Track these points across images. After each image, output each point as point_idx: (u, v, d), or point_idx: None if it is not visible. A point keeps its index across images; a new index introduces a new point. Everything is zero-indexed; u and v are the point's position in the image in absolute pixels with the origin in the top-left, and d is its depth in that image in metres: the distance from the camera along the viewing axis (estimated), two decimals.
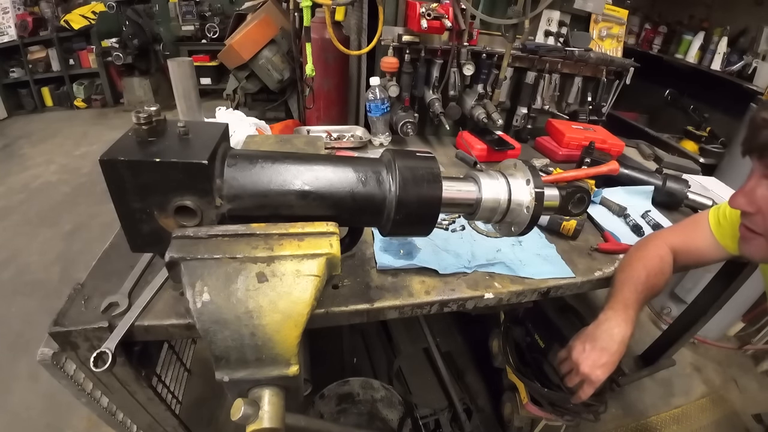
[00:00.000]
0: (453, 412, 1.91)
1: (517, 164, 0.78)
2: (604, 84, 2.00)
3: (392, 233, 0.75)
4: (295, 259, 0.62)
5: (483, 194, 0.76)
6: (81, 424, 1.99)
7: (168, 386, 1.17)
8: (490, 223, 0.83)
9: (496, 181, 0.78)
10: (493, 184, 0.77)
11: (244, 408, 0.54)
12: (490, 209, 0.77)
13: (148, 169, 0.59)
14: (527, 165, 0.77)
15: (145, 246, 0.69)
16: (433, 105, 1.75)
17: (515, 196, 0.76)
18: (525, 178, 0.76)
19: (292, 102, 2.84)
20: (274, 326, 0.58)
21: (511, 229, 0.80)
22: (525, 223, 0.75)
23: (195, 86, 1.34)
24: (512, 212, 0.77)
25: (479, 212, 0.78)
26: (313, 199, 0.68)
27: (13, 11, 5.49)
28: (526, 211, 0.75)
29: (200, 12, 6.15)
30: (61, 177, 4.22)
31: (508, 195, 0.76)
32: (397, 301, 0.92)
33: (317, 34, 1.82)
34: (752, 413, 2.22)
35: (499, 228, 0.84)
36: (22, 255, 3.13)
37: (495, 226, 0.85)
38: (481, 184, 0.77)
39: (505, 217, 0.78)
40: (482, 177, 0.78)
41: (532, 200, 0.74)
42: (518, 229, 0.78)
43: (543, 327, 1.66)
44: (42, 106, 6.10)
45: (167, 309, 0.82)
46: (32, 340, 2.39)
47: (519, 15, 1.51)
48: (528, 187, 0.75)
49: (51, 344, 0.79)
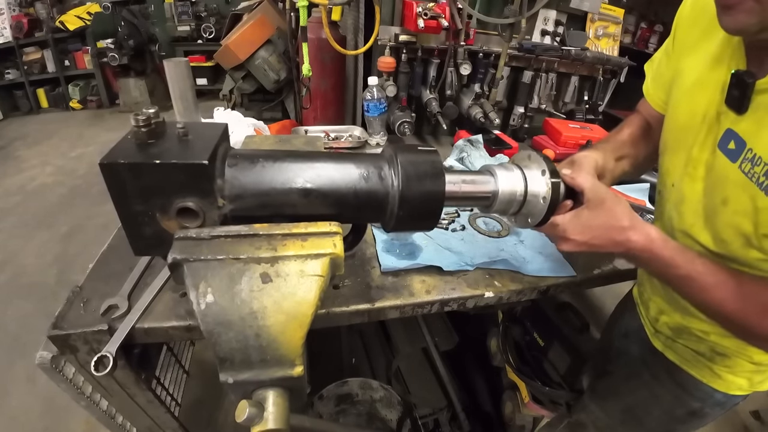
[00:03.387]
0: (452, 411, 1.92)
1: (532, 155, 0.79)
2: (600, 83, 2.01)
3: (396, 229, 0.74)
4: (299, 260, 0.62)
5: (499, 186, 0.77)
6: (79, 427, 1.98)
7: (167, 389, 1.16)
8: (506, 215, 0.83)
9: (512, 173, 0.78)
10: (509, 176, 0.78)
11: (249, 409, 0.54)
12: (507, 201, 0.78)
13: (149, 172, 0.59)
14: (541, 155, 0.78)
15: (147, 249, 0.69)
16: (430, 105, 1.75)
17: (531, 187, 0.76)
18: (540, 169, 0.77)
19: (288, 102, 2.83)
20: (278, 327, 0.58)
21: (527, 221, 0.80)
22: (542, 213, 0.76)
23: (192, 87, 1.33)
24: (528, 203, 0.77)
25: (496, 204, 0.78)
26: (315, 197, 0.68)
27: (8, 12, 5.47)
28: (542, 201, 0.75)
29: (196, 12, 6.15)
30: (57, 179, 4.20)
31: (524, 186, 0.77)
32: (398, 301, 0.92)
33: (314, 34, 1.81)
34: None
35: (515, 220, 0.84)
36: (19, 257, 3.12)
37: (511, 218, 0.85)
38: (497, 176, 0.77)
39: (521, 209, 0.79)
40: (498, 170, 0.78)
41: (549, 190, 0.75)
42: (535, 220, 0.78)
43: (542, 325, 1.66)
44: (37, 108, 6.08)
45: (167, 311, 0.81)
46: (29, 343, 2.38)
47: (515, 14, 1.52)
48: (544, 178, 0.76)
49: (50, 347, 0.78)
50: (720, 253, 0.75)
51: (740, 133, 0.67)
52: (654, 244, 0.74)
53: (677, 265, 0.73)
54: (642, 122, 1.03)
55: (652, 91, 0.98)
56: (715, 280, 0.71)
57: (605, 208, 0.75)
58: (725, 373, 0.90)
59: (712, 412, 0.99)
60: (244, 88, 2.82)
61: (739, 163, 0.67)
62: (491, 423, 1.96)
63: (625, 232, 0.74)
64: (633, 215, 0.76)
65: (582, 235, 0.77)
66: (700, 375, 0.93)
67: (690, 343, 0.93)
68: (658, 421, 1.06)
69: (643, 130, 1.02)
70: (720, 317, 0.74)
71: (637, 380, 1.08)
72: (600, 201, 0.76)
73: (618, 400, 1.15)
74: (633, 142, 1.00)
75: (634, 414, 1.11)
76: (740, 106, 0.67)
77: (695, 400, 0.97)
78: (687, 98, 0.80)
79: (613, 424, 1.18)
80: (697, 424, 1.03)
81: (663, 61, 0.94)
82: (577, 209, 0.78)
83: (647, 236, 0.74)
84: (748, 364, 0.88)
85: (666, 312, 0.97)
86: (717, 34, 0.74)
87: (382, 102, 1.66)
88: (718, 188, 0.72)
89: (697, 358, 0.93)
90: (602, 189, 0.77)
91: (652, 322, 1.03)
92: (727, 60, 0.71)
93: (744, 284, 0.69)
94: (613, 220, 0.75)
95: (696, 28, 0.81)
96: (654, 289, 1.02)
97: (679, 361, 0.97)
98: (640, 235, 0.74)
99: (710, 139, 0.74)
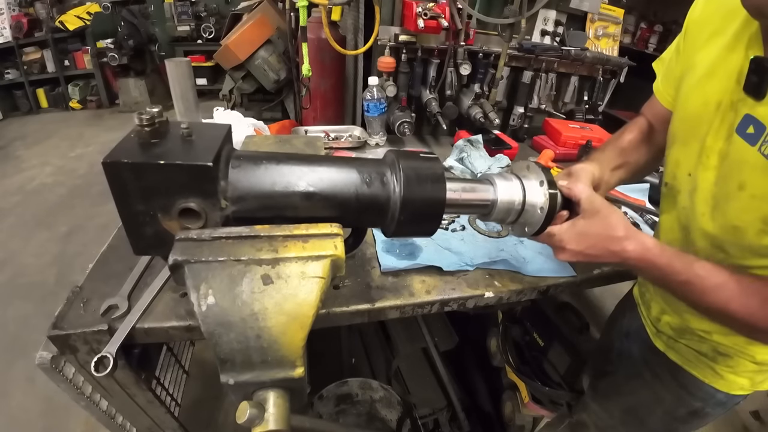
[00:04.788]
0: (452, 411, 1.92)
1: (530, 166, 0.80)
2: (600, 83, 2.01)
3: (396, 234, 0.75)
4: (300, 261, 0.62)
5: (498, 196, 0.78)
6: (79, 427, 1.98)
7: (167, 389, 1.17)
8: (504, 223, 0.84)
9: (511, 183, 0.79)
10: (508, 186, 0.79)
11: (250, 411, 0.54)
12: (505, 210, 0.79)
13: (152, 172, 0.59)
14: (540, 166, 0.79)
15: (148, 249, 0.69)
16: (430, 105, 1.75)
17: (529, 197, 0.77)
18: (539, 180, 0.78)
19: (288, 102, 2.83)
20: (279, 328, 0.58)
21: (524, 230, 0.82)
22: (539, 223, 0.77)
23: (193, 87, 1.34)
24: (526, 213, 0.78)
25: (494, 213, 0.79)
26: (317, 200, 0.68)
27: (7, 12, 5.47)
28: (539, 211, 0.76)
29: (196, 12, 6.15)
30: (56, 179, 4.20)
31: (522, 196, 0.78)
32: (398, 301, 0.92)
33: (313, 34, 1.81)
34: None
35: (512, 229, 0.86)
36: (18, 257, 3.12)
37: (509, 227, 0.86)
38: (497, 185, 0.79)
39: (519, 218, 0.80)
40: (497, 179, 0.80)
41: (546, 201, 0.76)
42: (532, 229, 0.79)
43: (541, 325, 1.66)
44: (37, 108, 6.08)
45: (167, 311, 0.81)
46: (29, 343, 2.37)
47: (515, 14, 1.51)
48: (542, 189, 0.77)
49: (49, 348, 0.78)
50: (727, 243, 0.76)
51: (759, 118, 0.67)
52: (650, 253, 0.75)
53: (676, 272, 0.74)
54: (644, 127, 1.03)
55: (662, 88, 0.98)
56: (715, 282, 0.71)
57: (600, 218, 0.77)
58: (727, 373, 0.90)
59: (713, 412, 0.99)
60: (244, 88, 2.82)
61: (758, 146, 0.67)
62: (491, 423, 1.96)
63: (621, 242, 0.75)
64: (628, 225, 0.77)
65: (578, 244, 0.78)
66: (702, 375, 0.94)
67: (692, 343, 0.93)
68: (659, 421, 1.07)
69: (644, 135, 1.03)
70: (724, 318, 0.75)
71: (639, 380, 1.08)
72: (595, 211, 0.77)
73: (619, 400, 1.16)
74: (633, 149, 1.01)
75: (636, 414, 1.11)
76: (759, 92, 0.67)
77: (697, 400, 0.98)
78: (699, 89, 0.81)
79: (615, 424, 1.18)
80: (698, 423, 1.03)
81: (674, 58, 0.94)
82: (573, 219, 0.79)
83: (643, 245, 0.75)
84: (750, 364, 0.88)
85: (668, 312, 0.98)
86: (731, 26, 0.75)
87: (381, 102, 1.66)
88: (734, 174, 0.72)
89: (699, 359, 0.93)
90: (598, 200, 0.79)
91: (653, 323, 1.03)
92: (744, 48, 0.72)
93: (744, 282, 0.70)
94: (609, 230, 0.76)
95: (708, 26, 0.82)
96: (656, 290, 1.03)
97: (681, 362, 0.97)
98: (635, 245, 0.75)
99: (725, 127, 0.74)
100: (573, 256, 0.79)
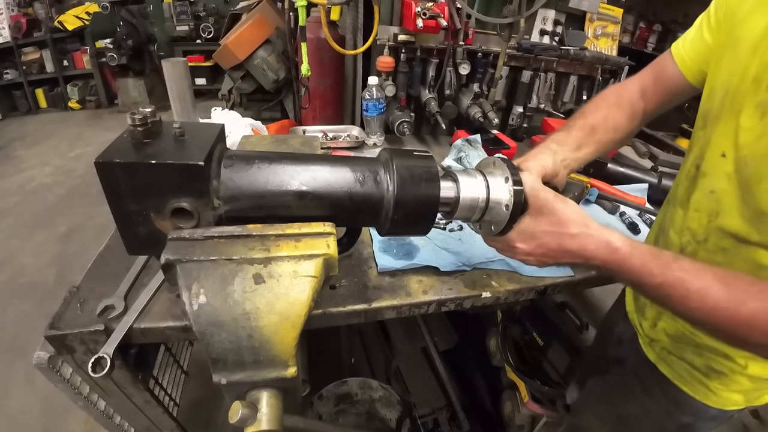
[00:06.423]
0: (451, 411, 1.92)
1: (497, 162, 0.77)
2: (599, 83, 2.01)
3: (390, 233, 0.74)
4: (292, 260, 0.62)
5: (461, 193, 0.75)
6: (78, 427, 1.99)
7: (165, 389, 1.17)
8: (469, 222, 0.81)
9: (474, 180, 0.76)
10: (472, 183, 0.76)
11: (242, 410, 0.54)
12: (469, 208, 0.76)
13: (144, 171, 0.59)
14: (506, 162, 0.75)
15: (141, 248, 0.68)
16: (429, 104, 1.75)
17: (494, 194, 0.75)
18: (504, 176, 0.75)
19: (287, 102, 2.83)
20: (271, 328, 0.57)
21: (491, 228, 0.78)
22: (504, 221, 0.74)
23: (190, 87, 1.33)
24: (491, 210, 0.76)
25: (458, 211, 0.77)
26: (310, 200, 0.68)
27: (6, 12, 5.47)
28: (505, 209, 0.73)
29: (195, 12, 6.15)
30: (55, 179, 4.20)
31: (486, 193, 0.75)
32: (394, 301, 0.92)
33: (312, 34, 1.81)
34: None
35: (479, 227, 0.83)
36: (17, 257, 3.12)
37: (475, 225, 0.83)
38: (459, 182, 0.76)
39: (484, 216, 0.77)
40: (460, 175, 0.77)
41: (511, 198, 0.72)
42: (498, 227, 0.76)
43: (541, 325, 1.66)
44: (36, 108, 6.08)
45: (163, 311, 0.81)
46: (28, 343, 2.38)
47: (514, 14, 1.51)
48: (507, 185, 0.73)
49: (47, 348, 0.78)
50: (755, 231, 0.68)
51: None
52: (618, 254, 0.66)
53: (650, 273, 0.64)
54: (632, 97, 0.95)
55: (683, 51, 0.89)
56: (698, 285, 0.61)
57: (546, 213, 0.70)
58: (720, 390, 0.86)
59: (704, 426, 0.95)
60: (243, 87, 2.82)
61: None
62: (490, 422, 1.96)
63: (576, 239, 0.68)
64: (584, 221, 0.69)
65: (526, 244, 0.73)
66: (693, 392, 0.89)
67: (686, 355, 0.88)
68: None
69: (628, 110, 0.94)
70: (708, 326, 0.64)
71: (629, 392, 1.04)
72: (539, 206, 0.71)
73: (610, 409, 1.13)
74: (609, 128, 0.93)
75: (626, 425, 1.08)
76: None
77: (687, 415, 0.93)
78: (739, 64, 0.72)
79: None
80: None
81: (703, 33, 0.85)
82: (520, 217, 0.74)
83: (607, 245, 0.67)
84: (745, 381, 0.83)
85: (664, 317, 0.92)
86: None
87: (381, 102, 1.66)
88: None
89: (692, 374, 0.88)
90: (543, 193, 0.72)
91: (647, 330, 0.98)
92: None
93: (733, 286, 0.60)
94: (558, 227, 0.69)
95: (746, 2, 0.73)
96: None
97: (672, 377, 0.92)
98: (597, 243, 0.67)
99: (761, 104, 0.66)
100: (525, 256, 0.74)
